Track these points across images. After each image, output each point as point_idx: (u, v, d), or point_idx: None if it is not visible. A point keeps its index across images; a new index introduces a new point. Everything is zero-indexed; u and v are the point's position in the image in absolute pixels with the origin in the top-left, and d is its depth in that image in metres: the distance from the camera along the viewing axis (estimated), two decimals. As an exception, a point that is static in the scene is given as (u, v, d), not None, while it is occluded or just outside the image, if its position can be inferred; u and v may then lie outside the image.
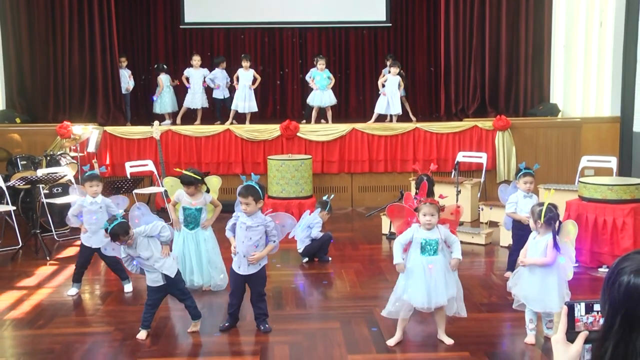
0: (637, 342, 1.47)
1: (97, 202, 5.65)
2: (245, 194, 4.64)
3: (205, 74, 10.51)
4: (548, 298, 4.42)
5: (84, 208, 5.65)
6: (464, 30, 10.82)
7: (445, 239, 4.47)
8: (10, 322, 5.09)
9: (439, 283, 4.39)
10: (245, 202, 4.63)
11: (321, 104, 10.21)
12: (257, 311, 4.82)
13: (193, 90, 10.45)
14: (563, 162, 9.74)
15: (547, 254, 4.38)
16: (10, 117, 10.05)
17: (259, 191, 4.68)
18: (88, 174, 5.70)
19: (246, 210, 4.65)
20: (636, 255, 1.55)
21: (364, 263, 6.64)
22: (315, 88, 10.18)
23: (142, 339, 4.66)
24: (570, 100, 10.70)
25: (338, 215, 9.17)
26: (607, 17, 9.73)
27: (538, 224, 4.41)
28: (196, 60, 10.52)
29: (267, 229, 4.70)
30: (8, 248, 7.21)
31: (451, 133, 9.71)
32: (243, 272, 4.72)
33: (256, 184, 4.72)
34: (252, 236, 4.67)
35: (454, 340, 4.54)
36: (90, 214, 5.64)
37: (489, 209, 7.83)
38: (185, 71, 10.60)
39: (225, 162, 9.62)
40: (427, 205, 4.41)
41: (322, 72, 10.20)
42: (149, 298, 4.77)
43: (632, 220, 6.17)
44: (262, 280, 4.79)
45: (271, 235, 4.73)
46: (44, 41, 10.60)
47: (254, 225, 4.66)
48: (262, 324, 4.79)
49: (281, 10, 12.66)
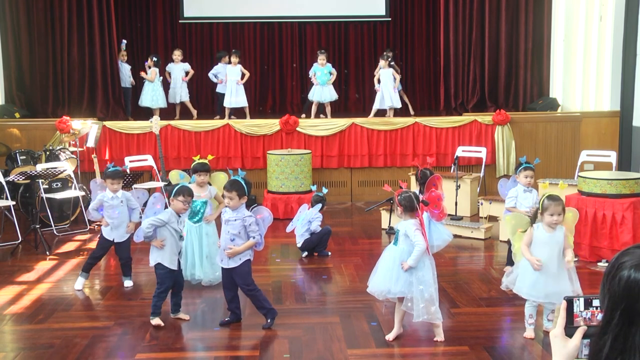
0: (635, 336, 1.47)
1: (118, 196, 5.71)
2: (230, 188, 4.70)
3: (185, 69, 10.53)
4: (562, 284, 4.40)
5: (105, 203, 5.68)
6: (463, 25, 10.79)
7: (407, 235, 4.41)
8: (10, 317, 5.09)
9: (391, 273, 4.39)
10: (229, 196, 4.70)
11: (321, 99, 10.19)
12: (255, 304, 4.86)
13: (173, 85, 10.46)
14: (562, 157, 9.74)
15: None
16: (9, 111, 10.04)
17: (244, 187, 4.73)
18: (112, 171, 5.72)
19: (229, 204, 4.72)
20: (636, 250, 1.55)
21: (364, 257, 6.65)
22: (316, 83, 10.16)
23: (159, 324, 4.78)
24: (570, 95, 10.68)
25: (337, 209, 9.18)
26: (607, 11, 9.71)
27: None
28: (177, 54, 10.54)
29: (244, 224, 4.71)
30: (8, 243, 7.21)
31: (451, 127, 9.71)
32: (224, 265, 4.79)
33: (242, 180, 4.75)
34: (230, 229, 4.71)
35: (453, 335, 4.55)
36: (113, 208, 5.68)
37: (489, 204, 7.84)
38: (167, 66, 10.61)
39: (225, 156, 9.61)
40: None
41: (323, 67, 10.17)
42: (161, 285, 4.83)
43: (632, 215, 6.18)
44: (243, 275, 4.78)
45: (250, 231, 4.73)
46: (43, 35, 10.58)
47: (232, 219, 4.71)
48: (265, 320, 4.82)
49: (281, 5, 12.65)
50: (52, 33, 10.59)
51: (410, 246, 4.35)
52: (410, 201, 4.41)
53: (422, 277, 4.37)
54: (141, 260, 6.21)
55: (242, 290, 4.83)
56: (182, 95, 10.53)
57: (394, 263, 4.41)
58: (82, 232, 7.84)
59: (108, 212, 5.69)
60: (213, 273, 5.74)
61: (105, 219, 5.70)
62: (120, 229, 5.72)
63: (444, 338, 4.49)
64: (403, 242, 4.41)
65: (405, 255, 4.36)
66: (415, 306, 4.36)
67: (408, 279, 4.36)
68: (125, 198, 5.74)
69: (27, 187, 7.62)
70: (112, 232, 5.72)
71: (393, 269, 4.40)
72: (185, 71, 10.56)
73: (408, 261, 4.33)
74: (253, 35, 13.12)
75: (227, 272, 4.80)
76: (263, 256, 6.66)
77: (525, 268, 4.46)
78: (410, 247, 4.36)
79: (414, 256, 4.32)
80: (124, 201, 5.72)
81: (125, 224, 5.74)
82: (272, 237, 7.45)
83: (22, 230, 7.32)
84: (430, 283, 4.39)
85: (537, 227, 4.45)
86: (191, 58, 11.90)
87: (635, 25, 9.16)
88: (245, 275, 4.79)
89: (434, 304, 4.41)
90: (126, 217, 5.75)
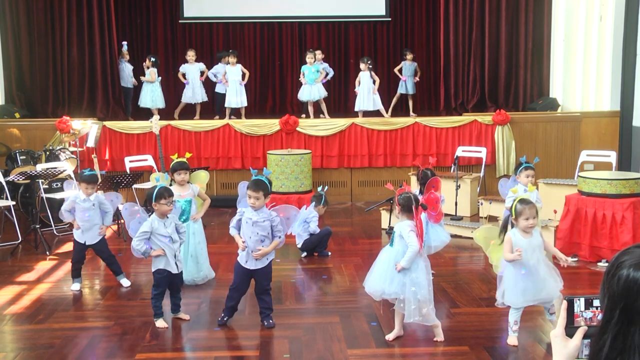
0: (635, 335, 1.47)
1: (90, 199, 5.67)
2: (257, 188, 4.64)
3: (201, 69, 10.53)
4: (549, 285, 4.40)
5: (77, 205, 5.66)
6: (463, 25, 10.79)
7: (402, 236, 4.40)
8: (10, 317, 5.09)
9: (386, 274, 4.39)
10: (256, 196, 4.62)
11: (310, 97, 10.21)
12: (262, 304, 4.82)
13: (192, 86, 10.45)
14: (562, 157, 9.74)
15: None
16: (9, 111, 10.04)
17: (268, 186, 4.70)
18: (87, 175, 5.70)
19: (254, 205, 4.64)
20: (636, 249, 1.55)
21: (364, 257, 6.64)
22: (304, 82, 10.19)
23: (164, 327, 4.76)
24: (570, 95, 10.68)
25: (337, 209, 9.18)
26: (607, 11, 9.71)
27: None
28: (191, 55, 10.52)
29: (272, 224, 4.70)
30: (8, 243, 7.21)
31: (451, 127, 9.71)
32: (250, 266, 4.72)
33: (266, 179, 4.72)
34: (259, 231, 4.66)
35: (453, 335, 4.55)
36: (84, 211, 5.66)
37: (489, 204, 7.83)
38: (181, 67, 10.60)
39: (225, 157, 9.62)
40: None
41: (311, 66, 10.20)
42: (157, 287, 4.82)
43: (632, 215, 6.17)
44: (267, 274, 4.81)
45: (276, 231, 4.72)
46: (43, 35, 10.58)
47: (260, 220, 4.66)
48: (265, 319, 4.80)
49: (281, 5, 12.65)
50: (52, 33, 10.59)
51: (405, 247, 4.35)
52: (408, 202, 4.40)
53: (415, 279, 4.35)
54: (141, 260, 6.18)
55: (261, 290, 4.78)
56: (203, 96, 10.52)
57: (389, 264, 4.41)
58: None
59: (79, 214, 5.67)
60: (197, 272, 5.74)
61: (77, 222, 5.68)
62: (91, 231, 5.67)
63: (444, 338, 4.49)
64: (398, 243, 4.41)
65: (400, 256, 4.36)
66: (407, 307, 4.35)
67: (402, 280, 4.35)
68: (98, 201, 5.70)
69: (27, 187, 7.62)
70: (82, 234, 5.69)
71: (387, 270, 4.40)
72: (201, 71, 10.55)
73: (401, 262, 4.33)
74: (253, 35, 13.12)
75: (247, 273, 4.75)
76: (263, 256, 6.66)
77: (510, 279, 4.40)
78: (405, 248, 4.36)
79: (406, 257, 4.31)
80: (97, 204, 5.68)
81: (97, 227, 5.70)
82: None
83: (22, 230, 7.32)
84: (423, 285, 4.36)
85: (513, 233, 4.38)
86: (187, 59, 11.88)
87: (635, 25, 9.16)
88: (269, 275, 4.81)
89: (427, 306, 4.38)
90: (98, 220, 5.71)
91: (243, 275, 4.79)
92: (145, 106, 10.42)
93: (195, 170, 6.39)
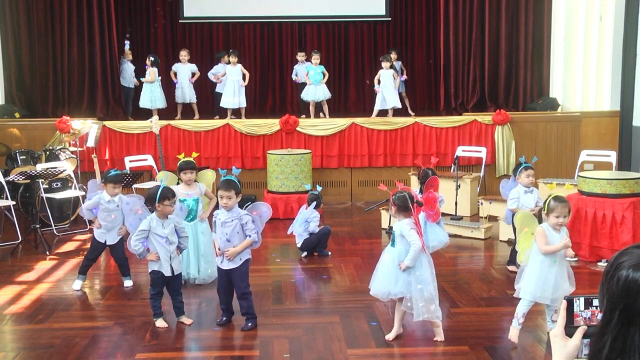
0: (635, 336, 1.47)
1: (115, 200, 5.65)
2: (228, 187, 4.64)
3: (192, 70, 10.51)
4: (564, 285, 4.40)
5: (101, 205, 5.63)
6: (463, 24, 10.80)
7: (403, 235, 4.40)
8: (10, 317, 5.10)
9: (390, 275, 4.39)
10: (228, 195, 4.63)
11: (315, 97, 10.21)
12: (241, 310, 4.80)
13: (181, 85, 10.45)
14: (562, 157, 9.74)
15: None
16: (9, 111, 10.04)
17: (239, 185, 4.71)
18: (113, 175, 5.66)
19: (227, 204, 4.64)
20: (635, 250, 1.55)
21: (364, 257, 6.65)
22: (309, 83, 10.18)
23: (163, 326, 4.76)
24: (570, 95, 10.68)
25: (337, 209, 9.18)
26: (607, 11, 9.70)
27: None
28: (183, 55, 10.51)
29: (241, 223, 4.68)
30: (8, 243, 7.21)
31: (450, 127, 9.70)
32: (224, 266, 4.74)
33: (236, 178, 4.74)
34: (227, 231, 4.66)
35: (453, 335, 4.55)
36: (108, 212, 5.64)
37: (489, 204, 7.84)
38: (173, 66, 10.59)
39: (225, 156, 9.61)
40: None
41: (316, 67, 10.19)
42: (153, 288, 4.83)
43: (632, 215, 6.18)
44: (243, 275, 4.75)
45: (247, 229, 4.68)
46: (43, 35, 10.58)
47: (228, 220, 4.66)
48: (246, 322, 4.78)
49: (281, 5, 12.65)
50: (52, 33, 10.59)
51: (407, 246, 4.35)
52: (403, 201, 4.40)
53: (420, 276, 4.37)
54: (141, 260, 6.19)
55: (237, 292, 4.78)
56: (191, 96, 10.51)
57: (392, 264, 4.41)
58: (82, 232, 7.84)
59: (102, 214, 5.65)
60: (206, 271, 5.74)
61: (99, 221, 5.67)
62: (112, 232, 5.68)
63: (444, 338, 4.49)
64: (400, 242, 4.41)
65: (403, 255, 4.37)
66: (415, 305, 4.36)
67: (407, 279, 4.36)
68: (122, 202, 5.69)
69: (27, 187, 7.62)
70: (104, 234, 5.69)
71: (391, 270, 4.40)
72: (192, 72, 10.54)
73: (405, 261, 4.33)
74: (253, 35, 13.12)
75: (225, 273, 4.76)
76: (263, 256, 6.66)
77: (535, 271, 4.36)
78: (407, 247, 4.36)
79: (410, 256, 4.32)
80: (120, 205, 5.67)
81: (118, 227, 5.71)
82: (272, 237, 7.46)
83: (22, 230, 7.32)
84: (428, 282, 4.39)
85: (546, 228, 4.37)
86: (191, 58, 11.88)
87: (635, 25, 9.16)
88: (244, 276, 4.77)
89: (434, 302, 4.41)
90: (120, 220, 5.70)
91: (221, 276, 4.81)
92: (145, 106, 10.42)
93: (200, 170, 6.40)
